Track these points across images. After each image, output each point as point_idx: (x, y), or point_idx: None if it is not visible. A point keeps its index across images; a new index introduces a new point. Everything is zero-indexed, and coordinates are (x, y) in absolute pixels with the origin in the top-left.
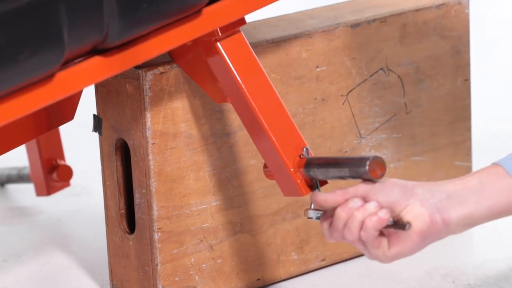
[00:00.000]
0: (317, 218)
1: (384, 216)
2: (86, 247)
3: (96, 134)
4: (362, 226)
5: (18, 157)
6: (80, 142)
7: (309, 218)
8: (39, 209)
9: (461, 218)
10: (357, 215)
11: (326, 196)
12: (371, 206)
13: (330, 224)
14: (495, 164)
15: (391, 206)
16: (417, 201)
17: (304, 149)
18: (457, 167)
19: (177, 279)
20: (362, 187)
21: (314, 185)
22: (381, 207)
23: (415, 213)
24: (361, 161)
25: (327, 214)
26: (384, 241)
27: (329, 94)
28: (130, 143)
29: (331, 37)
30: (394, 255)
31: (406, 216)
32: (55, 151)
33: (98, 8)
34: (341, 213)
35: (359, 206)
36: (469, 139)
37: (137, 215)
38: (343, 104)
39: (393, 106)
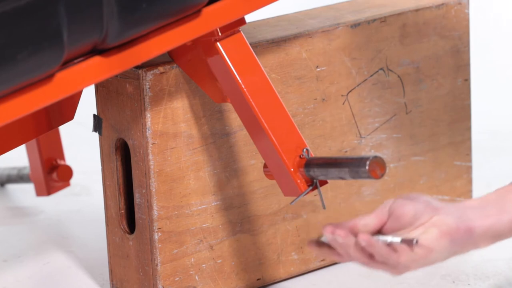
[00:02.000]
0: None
1: (365, 238)
2: (86, 247)
3: (96, 134)
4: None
5: (18, 157)
6: (80, 142)
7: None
8: (39, 209)
9: (484, 229)
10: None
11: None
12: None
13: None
14: None
15: (417, 216)
16: (442, 212)
17: (304, 150)
18: (457, 167)
19: (177, 279)
20: (387, 202)
21: (314, 185)
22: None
23: (441, 220)
24: (361, 161)
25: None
26: (403, 250)
27: (329, 94)
28: (130, 143)
29: (331, 37)
30: (421, 256)
31: (431, 224)
32: (55, 151)
33: (98, 8)
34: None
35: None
36: (469, 139)
37: (137, 215)
38: (343, 104)
39: (393, 106)
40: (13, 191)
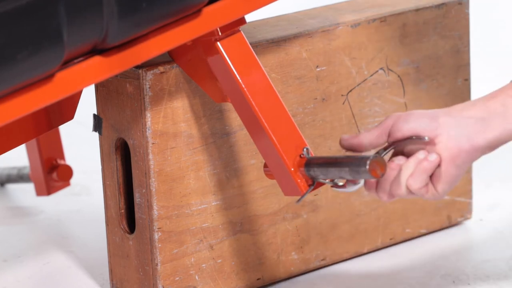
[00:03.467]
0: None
1: (435, 159)
2: (86, 247)
3: (96, 134)
4: (411, 173)
5: (18, 157)
6: (80, 142)
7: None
8: (39, 209)
9: (488, 142)
10: (409, 166)
11: (363, 138)
12: (420, 154)
13: (376, 188)
14: None
15: (420, 132)
16: (444, 132)
17: (305, 149)
18: None
19: (177, 279)
20: (389, 120)
21: (314, 184)
22: (427, 153)
23: (443, 146)
24: (361, 160)
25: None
26: (429, 185)
27: (329, 94)
28: (130, 143)
29: (331, 37)
30: (443, 190)
31: (435, 148)
32: (55, 151)
33: (98, 8)
34: (388, 172)
35: (405, 161)
36: None
37: (137, 215)
38: (343, 104)
39: (393, 106)
40: (13, 191)
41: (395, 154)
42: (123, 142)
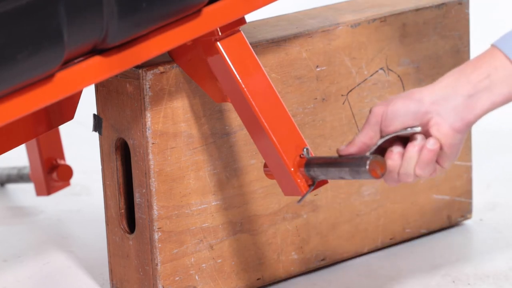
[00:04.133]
0: None
1: (435, 146)
2: (86, 247)
3: (96, 134)
4: (417, 163)
5: (18, 157)
6: (80, 142)
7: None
8: (39, 209)
9: (478, 117)
10: (412, 156)
11: (359, 143)
12: (419, 140)
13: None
14: (494, 48)
15: (411, 123)
16: (434, 115)
17: (305, 149)
18: (457, 166)
19: (177, 279)
20: (376, 116)
21: (315, 184)
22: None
23: (436, 128)
24: (361, 160)
25: None
26: (436, 166)
27: (329, 94)
28: (130, 143)
29: (331, 37)
30: (449, 165)
31: (429, 131)
32: (55, 151)
33: (98, 8)
34: (391, 163)
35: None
36: (469, 138)
37: (137, 214)
38: (343, 104)
39: None
40: (13, 191)
41: (390, 142)
42: (123, 142)
